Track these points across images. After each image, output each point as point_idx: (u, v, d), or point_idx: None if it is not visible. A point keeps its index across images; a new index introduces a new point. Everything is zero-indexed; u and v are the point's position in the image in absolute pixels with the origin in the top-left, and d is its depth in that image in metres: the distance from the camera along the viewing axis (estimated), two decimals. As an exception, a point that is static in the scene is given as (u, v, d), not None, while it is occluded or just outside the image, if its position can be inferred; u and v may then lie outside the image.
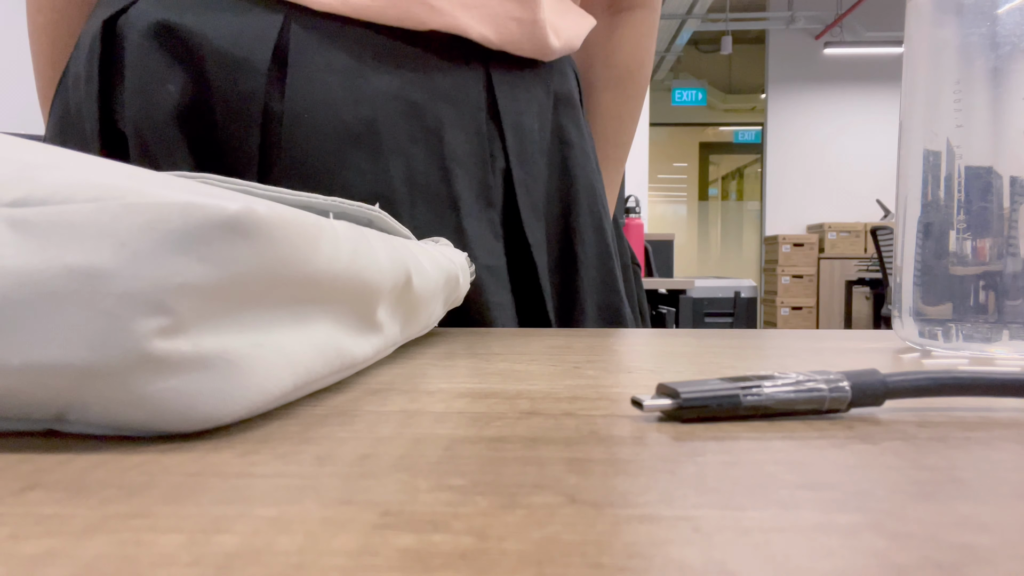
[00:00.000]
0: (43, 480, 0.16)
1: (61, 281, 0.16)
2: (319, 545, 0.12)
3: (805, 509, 0.14)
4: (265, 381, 0.20)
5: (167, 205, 0.17)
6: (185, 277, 0.17)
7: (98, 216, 0.17)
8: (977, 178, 0.38)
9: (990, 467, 0.17)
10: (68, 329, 0.17)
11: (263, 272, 0.19)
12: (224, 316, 0.19)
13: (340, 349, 0.24)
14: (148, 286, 0.17)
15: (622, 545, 0.12)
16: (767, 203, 6.70)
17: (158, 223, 0.17)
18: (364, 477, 0.16)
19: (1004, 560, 0.12)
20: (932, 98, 0.40)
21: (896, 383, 0.23)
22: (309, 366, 0.22)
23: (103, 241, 0.17)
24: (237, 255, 0.18)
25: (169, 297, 0.17)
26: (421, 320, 0.34)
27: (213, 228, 0.18)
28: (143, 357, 0.17)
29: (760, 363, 0.34)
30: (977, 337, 0.38)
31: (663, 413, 0.22)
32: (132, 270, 0.17)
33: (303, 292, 0.21)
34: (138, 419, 0.18)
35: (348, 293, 0.24)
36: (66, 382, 0.17)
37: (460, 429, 0.21)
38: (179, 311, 0.17)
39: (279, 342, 0.21)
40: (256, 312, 0.20)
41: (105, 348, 0.17)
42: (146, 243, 0.17)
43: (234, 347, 0.19)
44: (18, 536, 0.13)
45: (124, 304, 0.17)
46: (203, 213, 0.17)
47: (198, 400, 0.18)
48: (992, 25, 0.38)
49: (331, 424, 0.21)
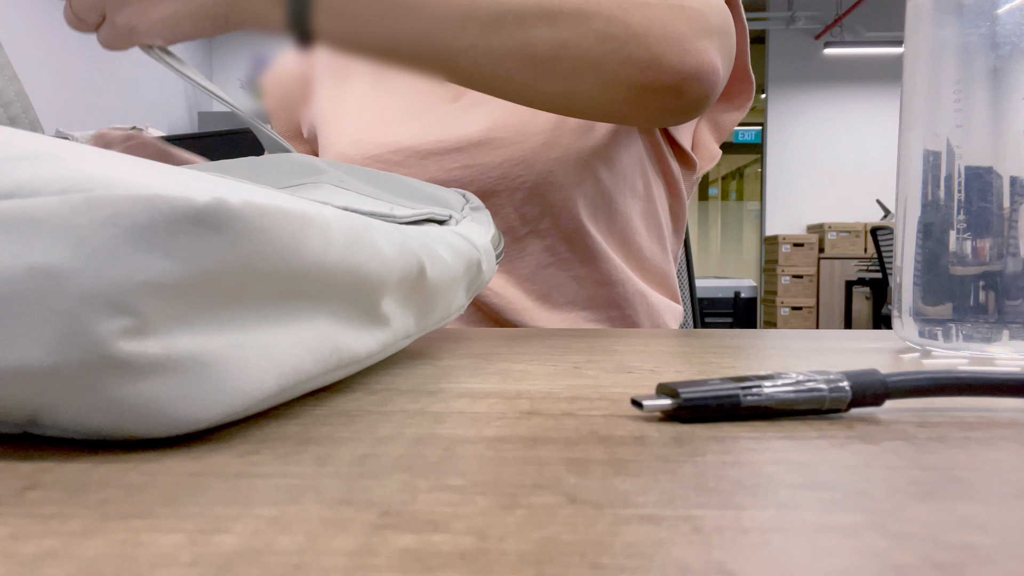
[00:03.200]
0: (43, 480, 0.16)
1: (21, 281, 0.16)
2: (319, 545, 0.12)
3: (805, 509, 0.14)
4: (243, 383, 0.19)
5: (130, 198, 0.16)
6: (149, 275, 0.16)
7: (58, 210, 0.16)
8: (977, 178, 0.38)
9: (990, 467, 0.17)
10: (31, 331, 0.16)
11: (239, 268, 0.18)
12: (198, 315, 0.18)
13: (337, 346, 0.23)
14: (109, 285, 0.16)
15: (622, 545, 0.12)
16: (767, 203, 6.71)
17: (119, 217, 0.16)
18: (364, 477, 0.16)
19: (1004, 560, 0.12)
20: (932, 98, 0.40)
21: (896, 383, 0.23)
22: (297, 365, 0.21)
23: (63, 238, 0.16)
24: (207, 250, 0.17)
25: (132, 296, 0.16)
26: (439, 311, 0.33)
27: (179, 222, 0.17)
28: (106, 360, 0.16)
29: (760, 363, 0.34)
30: (977, 337, 0.38)
31: (663, 413, 0.22)
32: (92, 268, 0.16)
33: (290, 288, 0.20)
34: (107, 423, 0.17)
35: (345, 287, 0.23)
36: (32, 386, 0.16)
37: (460, 429, 0.21)
38: (144, 311, 0.16)
39: (262, 341, 0.20)
40: (235, 310, 0.19)
41: (67, 351, 0.16)
42: (106, 239, 0.16)
43: (209, 348, 0.18)
44: (18, 536, 0.13)
45: (84, 304, 0.16)
46: (169, 206, 0.16)
47: (168, 404, 0.17)
48: (992, 25, 0.38)
49: (331, 424, 0.21)
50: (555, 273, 0.64)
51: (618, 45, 0.49)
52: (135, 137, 0.72)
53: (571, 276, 0.64)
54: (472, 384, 0.28)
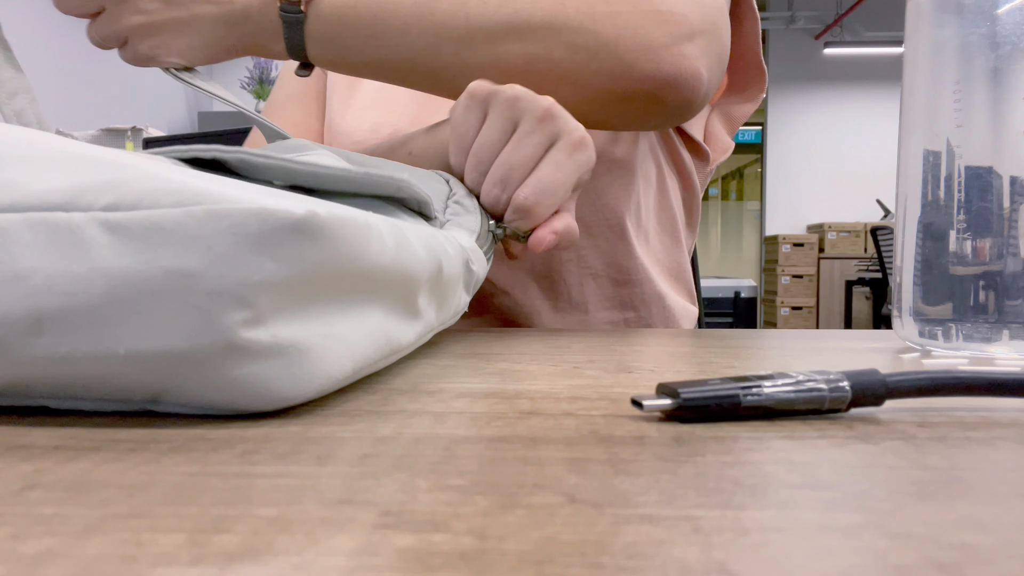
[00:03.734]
0: (43, 480, 0.16)
1: (159, 281, 0.19)
2: (319, 545, 0.12)
3: (805, 509, 0.14)
4: (330, 367, 0.22)
5: (243, 211, 0.19)
6: (263, 275, 0.19)
7: (186, 221, 0.19)
8: (977, 178, 0.38)
9: (990, 467, 0.17)
10: (166, 322, 0.19)
11: (327, 268, 0.21)
12: (295, 309, 0.21)
13: (389, 336, 0.26)
14: (233, 284, 0.19)
15: (622, 545, 0.12)
16: (767, 203, 6.71)
17: (238, 228, 0.19)
18: (364, 477, 0.16)
19: (1004, 560, 0.12)
20: (932, 98, 0.40)
21: (896, 383, 0.23)
22: (365, 353, 0.24)
23: (193, 244, 0.19)
24: (305, 254, 0.20)
25: (251, 293, 0.19)
26: (452, 306, 0.35)
27: (284, 230, 0.19)
28: (230, 345, 0.19)
29: (760, 363, 0.34)
30: (977, 337, 0.38)
31: (663, 413, 0.22)
32: (219, 270, 0.19)
33: (358, 285, 0.24)
34: (223, 400, 0.21)
35: (394, 284, 0.26)
36: (164, 367, 0.20)
37: (460, 429, 0.21)
38: (259, 305, 0.19)
39: (341, 332, 0.23)
40: (321, 305, 0.22)
41: (199, 338, 0.19)
42: (229, 246, 0.19)
43: (304, 337, 0.21)
44: (18, 536, 0.13)
45: (214, 300, 0.19)
46: (275, 218, 0.19)
47: (275, 383, 0.21)
48: (992, 25, 0.38)
49: (331, 424, 0.21)
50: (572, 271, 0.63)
51: (588, 56, 0.49)
52: None
53: (590, 274, 0.64)
54: (472, 384, 0.28)
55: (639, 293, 0.65)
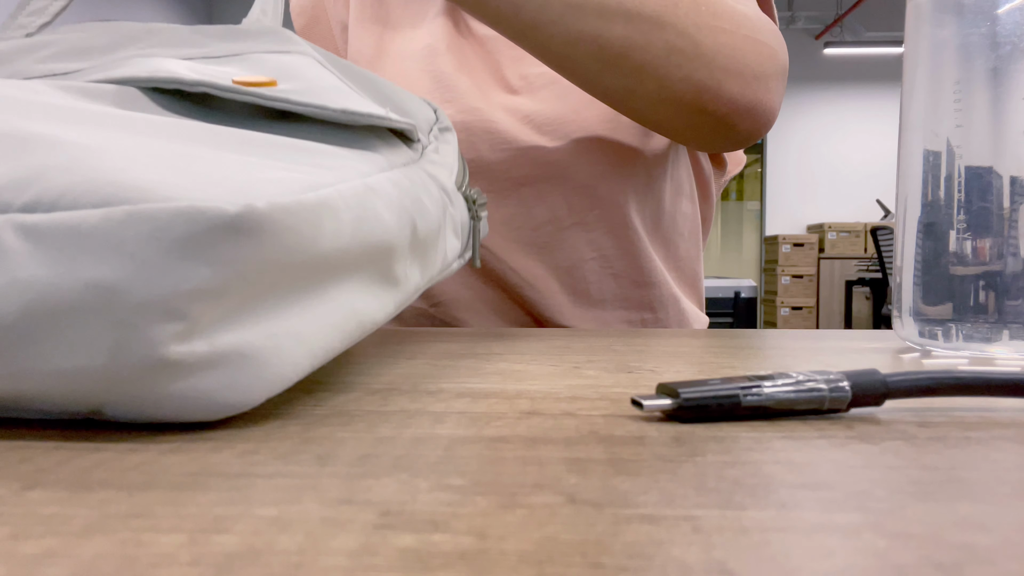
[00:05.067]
0: (43, 480, 0.16)
1: (79, 295, 0.17)
2: (319, 545, 0.12)
3: (805, 509, 0.14)
4: (282, 368, 0.20)
5: (168, 212, 0.17)
6: (195, 282, 0.17)
7: (104, 226, 0.17)
8: (977, 178, 0.38)
9: (990, 467, 0.17)
10: (90, 339, 0.17)
11: (270, 265, 0.19)
12: (237, 313, 0.19)
13: (360, 318, 0.25)
14: (161, 295, 0.17)
15: (622, 545, 0.12)
16: (767, 203, 6.71)
17: (163, 231, 0.17)
18: (364, 477, 0.16)
19: (1004, 560, 0.12)
20: (932, 98, 0.40)
21: (896, 383, 0.23)
22: (326, 344, 0.22)
23: (114, 253, 0.17)
24: (244, 254, 0.18)
25: (182, 303, 0.17)
26: (437, 261, 0.34)
27: (217, 231, 0.18)
28: (160, 362, 0.18)
29: (760, 363, 0.34)
30: (977, 337, 0.38)
31: (663, 413, 0.22)
32: (144, 280, 0.17)
33: (313, 274, 0.22)
34: (164, 413, 0.19)
35: (361, 260, 0.24)
36: (93, 385, 0.18)
37: (460, 429, 0.21)
38: (192, 315, 0.18)
39: (293, 327, 0.21)
40: (268, 303, 0.20)
41: (125, 356, 0.17)
42: (153, 253, 0.17)
43: (248, 341, 0.19)
44: (18, 536, 0.13)
45: (139, 314, 0.17)
46: (204, 217, 0.17)
47: (217, 393, 0.19)
48: (992, 25, 0.38)
49: (331, 424, 0.21)
50: (594, 268, 0.63)
51: (683, 60, 0.49)
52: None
53: (611, 273, 0.64)
54: (472, 384, 0.28)
55: (657, 295, 0.65)
